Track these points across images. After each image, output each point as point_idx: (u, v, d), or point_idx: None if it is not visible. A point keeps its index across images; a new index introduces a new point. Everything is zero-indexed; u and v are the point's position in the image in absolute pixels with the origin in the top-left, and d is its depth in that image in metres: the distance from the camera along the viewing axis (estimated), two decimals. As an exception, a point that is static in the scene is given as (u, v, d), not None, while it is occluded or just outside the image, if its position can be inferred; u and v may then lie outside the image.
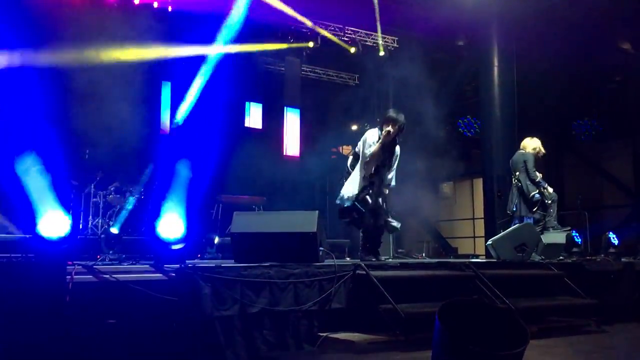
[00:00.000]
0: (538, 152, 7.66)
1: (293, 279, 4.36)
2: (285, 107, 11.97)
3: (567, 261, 6.61)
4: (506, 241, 6.48)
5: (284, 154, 11.82)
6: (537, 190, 7.43)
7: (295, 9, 10.94)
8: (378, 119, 6.14)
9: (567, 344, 4.85)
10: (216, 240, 7.98)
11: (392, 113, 5.97)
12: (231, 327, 4.06)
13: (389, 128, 5.82)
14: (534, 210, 7.42)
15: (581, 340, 5.02)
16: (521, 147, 7.85)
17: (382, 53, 11.96)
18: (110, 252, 7.02)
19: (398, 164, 6.15)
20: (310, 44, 11.63)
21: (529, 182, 7.47)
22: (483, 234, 12.00)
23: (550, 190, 7.53)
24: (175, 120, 10.23)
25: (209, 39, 10.42)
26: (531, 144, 7.72)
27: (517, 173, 7.62)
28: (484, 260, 7.02)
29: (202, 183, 8.79)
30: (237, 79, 11.32)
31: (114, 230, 7.56)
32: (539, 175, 7.47)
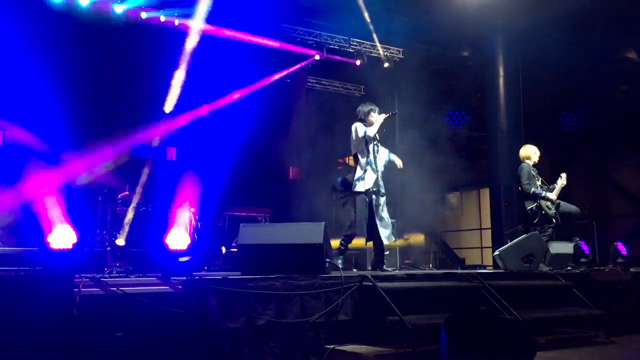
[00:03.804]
0: (531, 159, 7.43)
1: (299, 291, 4.36)
2: (290, 118, 12.02)
3: (575, 271, 6.57)
4: (513, 252, 6.45)
5: (289, 165, 11.84)
6: (535, 204, 7.18)
7: (300, 21, 11.03)
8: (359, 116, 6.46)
9: (576, 355, 4.82)
10: (223, 250, 7.99)
11: (366, 105, 6.51)
12: (238, 340, 4.06)
13: (380, 114, 6.36)
14: (534, 222, 7.18)
15: (590, 352, 4.98)
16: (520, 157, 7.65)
17: (386, 65, 12.00)
18: (117, 264, 7.05)
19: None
20: (317, 57, 11.72)
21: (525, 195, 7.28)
22: (490, 245, 11.96)
23: (552, 196, 7.26)
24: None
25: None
26: (522, 154, 7.55)
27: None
28: (491, 271, 6.99)
29: (209, 196, 8.89)
30: (244, 90, 11.40)
31: (120, 241, 7.58)
32: (532, 188, 7.19)
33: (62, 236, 3.84)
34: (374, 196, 6.08)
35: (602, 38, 10.62)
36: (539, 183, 7.33)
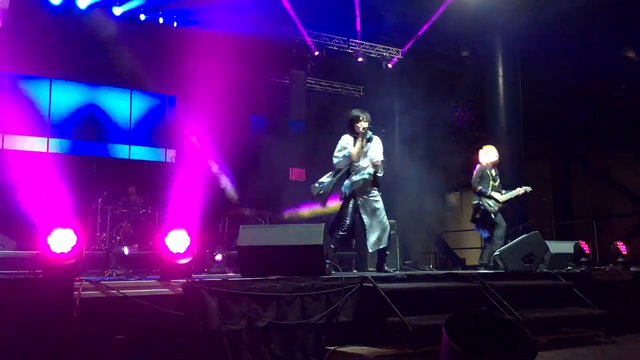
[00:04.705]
0: (487, 161, 7.93)
1: (300, 292, 4.35)
2: (290, 120, 12.03)
3: (575, 271, 6.57)
4: (514, 252, 6.45)
5: (290, 167, 11.84)
6: (478, 201, 7.81)
7: (299, 22, 11.03)
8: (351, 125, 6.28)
9: (577, 355, 4.81)
10: (219, 257, 7.99)
11: (356, 111, 6.25)
12: (238, 341, 4.05)
13: (363, 124, 6.11)
14: (477, 218, 7.86)
15: (590, 352, 4.97)
16: None
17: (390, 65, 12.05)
18: (118, 267, 7.06)
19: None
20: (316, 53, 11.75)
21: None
22: (490, 245, 11.94)
23: (500, 197, 7.70)
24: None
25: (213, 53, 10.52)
26: (479, 155, 8.06)
27: None
28: (492, 271, 6.98)
29: (209, 197, 8.89)
30: (242, 92, 11.39)
31: (126, 250, 7.58)
32: (478, 187, 7.79)
33: (61, 239, 3.82)
34: (359, 202, 6.08)
35: (602, 37, 10.62)
36: (495, 184, 7.80)
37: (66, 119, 10.45)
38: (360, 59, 11.99)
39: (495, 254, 6.75)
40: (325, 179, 6.17)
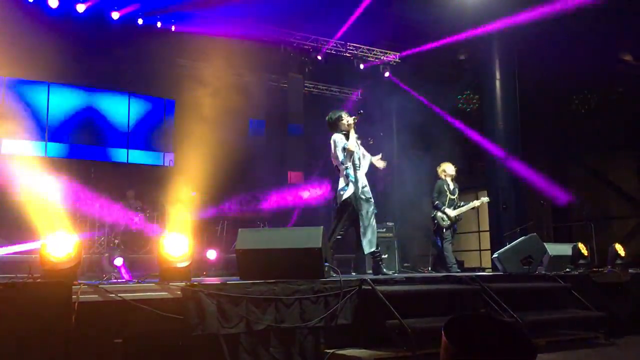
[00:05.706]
0: (445, 176, 8.16)
1: (299, 295, 4.35)
2: (288, 124, 12.04)
3: (574, 273, 6.57)
4: (512, 254, 6.45)
5: (288, 170, 11.84)
6: (434, 214, 8.03)
7: (297, 26, 11.05)
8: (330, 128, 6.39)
9: (576, 357, 4.81)
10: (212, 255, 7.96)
11: (335, 112, 6.39)
12: (237, 345, 4.05)
13: (350, 120, 6.23)
14: (433, 230, 8.09)
15: (589, 354, 4.98)
16: None
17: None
18: (116, 271, 7.05)
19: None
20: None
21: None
22: (489, 247, 11.96)
23: (452, 213, 7.96)
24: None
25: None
26: (437, 170, 8.27)
27: None
28: (491, 274, 6.99)
29: (206, 200, 8.89)
30: (241, 95, 11.40)
31: (118, 261, 7.55)
32: (436, 201, 8.03)
33: (60, 243, 3.82)
34: (356, 204, 6.06)
35: (599, 40, 10.64)
36: (453, 197, 8.10)
37: (64, 123, 10.45)
38: (362, 66, 12.03)
39: (493, 256, 6.75)
40: (344, 184, 6.16)
